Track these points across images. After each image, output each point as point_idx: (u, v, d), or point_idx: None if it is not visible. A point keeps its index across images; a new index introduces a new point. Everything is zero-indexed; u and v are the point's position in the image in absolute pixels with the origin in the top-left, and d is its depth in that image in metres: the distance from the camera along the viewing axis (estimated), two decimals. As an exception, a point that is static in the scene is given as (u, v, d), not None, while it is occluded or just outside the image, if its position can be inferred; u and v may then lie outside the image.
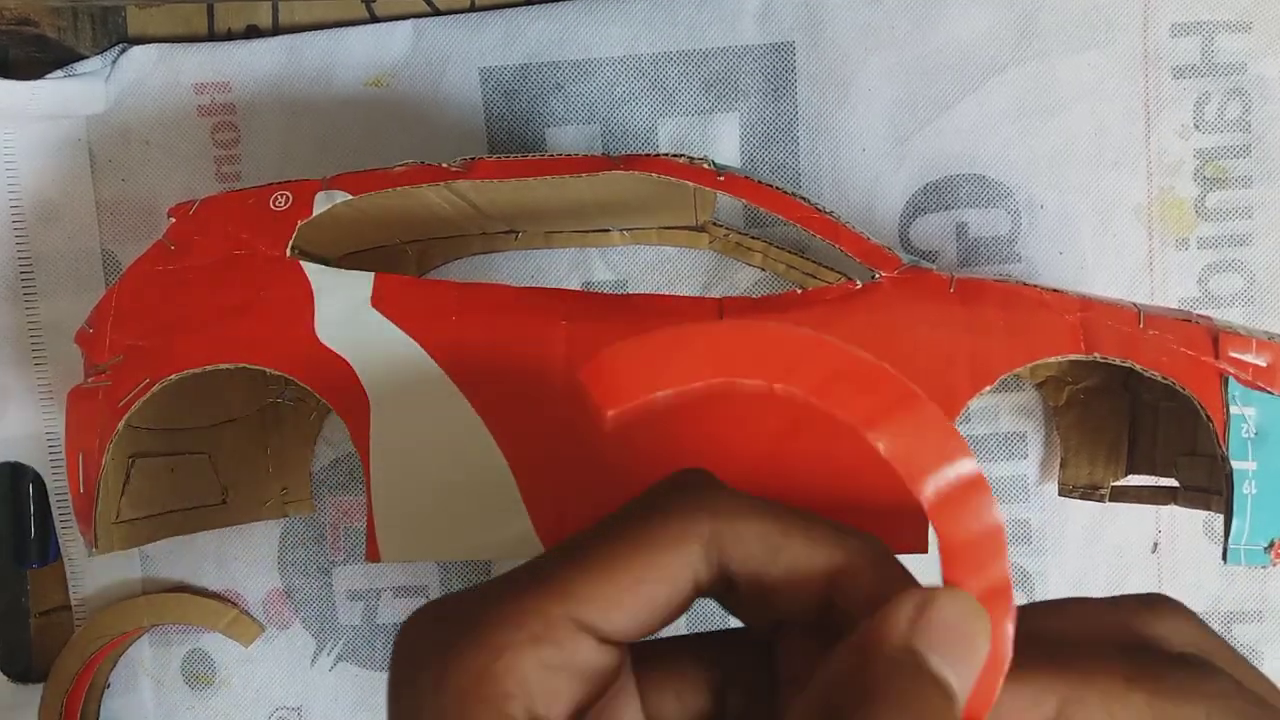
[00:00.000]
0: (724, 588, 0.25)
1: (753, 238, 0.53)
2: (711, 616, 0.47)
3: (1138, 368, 0.40)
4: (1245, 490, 0.40)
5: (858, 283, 0.42)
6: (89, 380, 0.45)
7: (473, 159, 0.43)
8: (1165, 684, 0.23)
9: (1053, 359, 0.41)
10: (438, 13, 0.55)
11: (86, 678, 0.56)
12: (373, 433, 0.42)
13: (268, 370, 0.42)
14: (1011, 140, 0.53)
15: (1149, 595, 0.26)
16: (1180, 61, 0.53)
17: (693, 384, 0.22)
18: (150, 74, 0.55)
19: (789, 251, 0.53)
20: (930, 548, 0.42)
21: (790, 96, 0.54)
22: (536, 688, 0.22)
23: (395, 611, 0.57)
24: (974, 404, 0.52)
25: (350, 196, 0.44)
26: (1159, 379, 0.40)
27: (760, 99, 0.54)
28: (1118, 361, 0.40)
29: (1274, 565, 0.40)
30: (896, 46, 0.53)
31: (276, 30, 0.56)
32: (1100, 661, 0.23)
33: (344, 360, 0.42)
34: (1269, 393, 0.40)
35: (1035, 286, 0.42)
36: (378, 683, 0.57)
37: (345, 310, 0.42)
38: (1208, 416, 0.40)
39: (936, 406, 0.22)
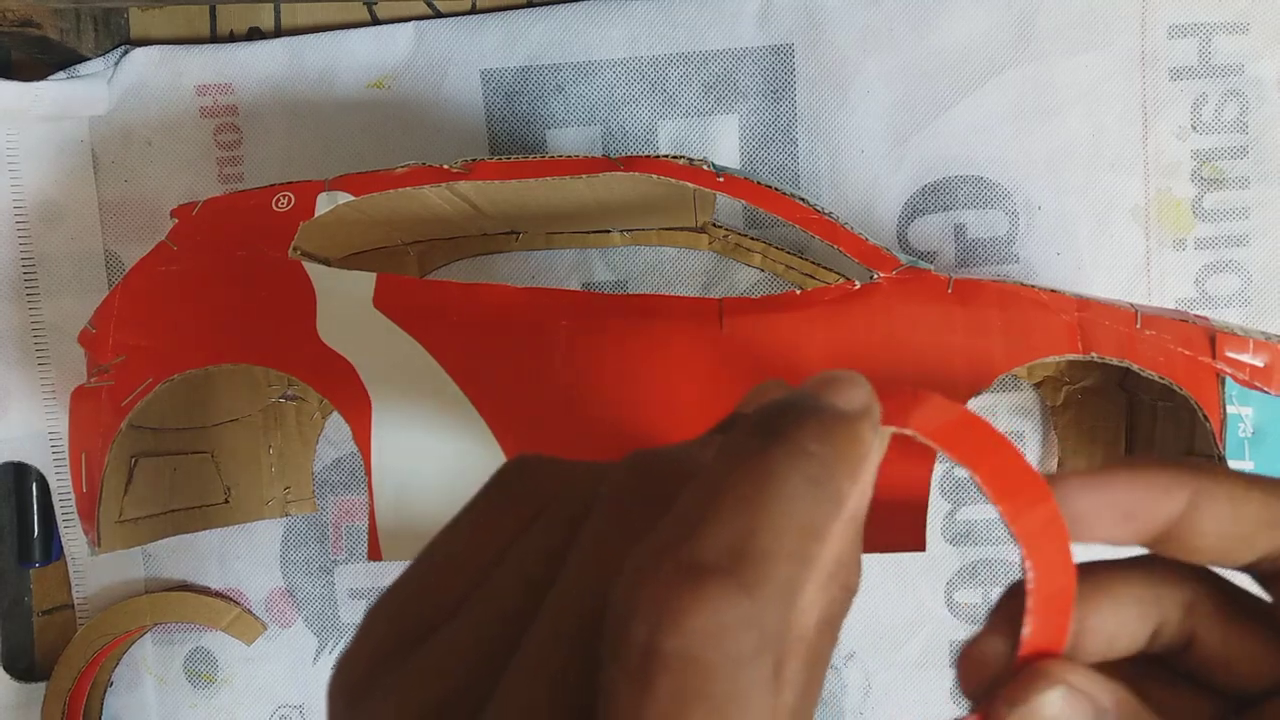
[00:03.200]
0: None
1: (752, 238, 0.54)
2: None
3: (1135, 368, 0.41)
4: (1241, 489, 0.40)
5: (856, 283, 0.42)
6: (92, 380, 0.45)
7: (474, 160, 0.43)
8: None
9: (1050, 359, 0.42)
10: (439, 15, 0.55)
11: (89, 675, 0.56)
12: (374, 432, 0.42)
13: (270, 370, 0.43)
14: (1009, 142, 0.53)
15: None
16: (1178, 63, 0.53)
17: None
18: (152, 75, 0.56)
19: (788, 252, 0.53)
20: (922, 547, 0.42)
21: (789, 98, 0.54)
22: None
23: (396, 610, 0.57)
24: (972, 404, 0.53)
25: (352, 197, 0.44)
26: (1156, 379, 0.41)
27: (760, 101, 0.54)
28: (1115, 361, 0.41)
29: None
30: (895, 49, 0.53)
31: (279, 32, 0.56)
32: (1219, 467, 0.23)
33: (346, 360, 0.42)
34: (1266, 393, 0.41)
35: (1033, 287, 0.42)
36: (379, 681, 0.57)
37: (347, 310, 0.43)
38: (1205, 416, 0.41)
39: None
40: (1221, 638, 0.23)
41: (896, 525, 0.40)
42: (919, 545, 0.40)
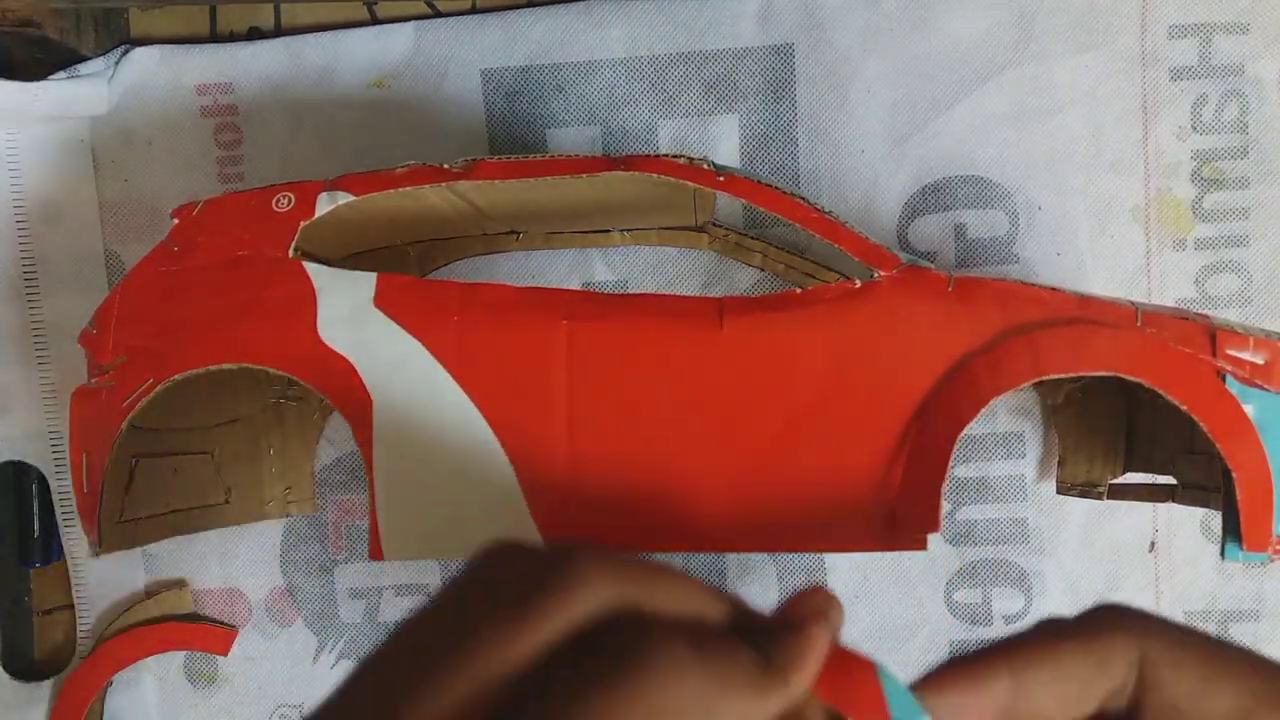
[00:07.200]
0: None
1: (752, 238, 0.54)
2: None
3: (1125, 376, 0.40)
4: (1242, 488, 0.40)
5: (857, 282, 0.42)
6: (93, 381, 0.45)
7: (474, 160, 0.43)
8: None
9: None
10: (439, 15, 0.55)
11: (101, 682, 0.56)
12: (375, 432, 0.42)
13: (270, 370, 0.43)
14: (1009, 142, 0.53)
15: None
16: (1178, 63, 0.53)
17: None
18: (153, 75, 0.56)
19: (788, 252, 0.53)
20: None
21: (790, 98, 0.54)
22: None
23: (396, 610, 0.57)
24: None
25: (353, 197, 0.44)
26: (1146, 385, 0.41)
27: (760, 101, 0.54)
28: (1103, 372, 0.41)
29: (1272, 561, 0.40)
30: (895, 48, 0.53)
31: (279, 31, 0.56)
32: (1030, 641, 0.26)
33: (346, 360, 0.42)
34: (1267, 390, 0.41)
35: (1033, 285, 0.42)
36: (379, 681, 0.57)
37: (348, 310, 0.43)
38: (1199, 422, 0.40)
39: None
40: (1172, 682, 0.25)
41: (915, 503, 0.40)
42: (928, 531, 0.40)
